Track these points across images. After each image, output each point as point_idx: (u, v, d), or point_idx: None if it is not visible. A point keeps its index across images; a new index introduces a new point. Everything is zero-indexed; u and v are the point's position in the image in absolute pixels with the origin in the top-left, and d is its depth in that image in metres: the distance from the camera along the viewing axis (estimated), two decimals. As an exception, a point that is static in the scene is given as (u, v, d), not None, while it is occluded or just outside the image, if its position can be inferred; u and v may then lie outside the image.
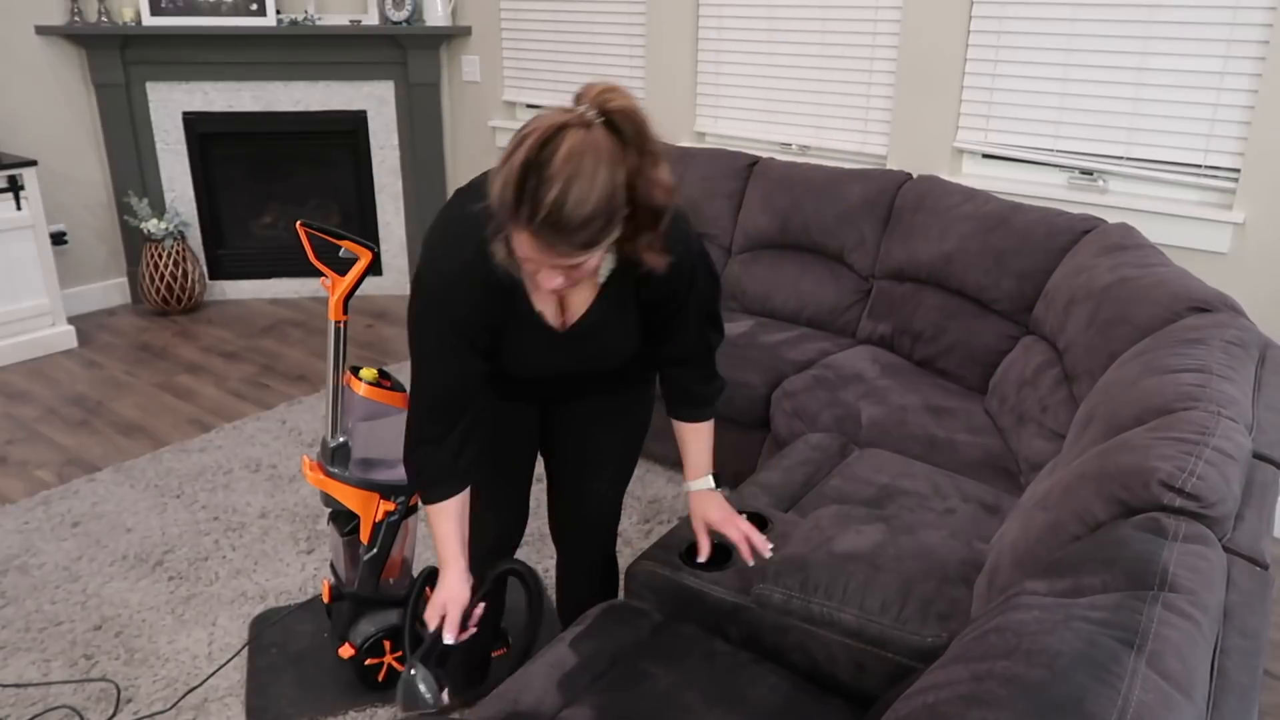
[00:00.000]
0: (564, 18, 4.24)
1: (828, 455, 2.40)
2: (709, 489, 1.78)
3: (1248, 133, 2.72)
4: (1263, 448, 1.50)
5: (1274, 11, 2.61)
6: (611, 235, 1.28)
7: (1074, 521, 1.34)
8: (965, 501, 2.18)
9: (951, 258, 2.90)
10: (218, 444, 3.34)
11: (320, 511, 2.92)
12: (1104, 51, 2.93)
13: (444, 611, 1.57)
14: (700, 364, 1.74)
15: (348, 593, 2.15)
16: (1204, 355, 1.66)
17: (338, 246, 2.11)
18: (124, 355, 4.13)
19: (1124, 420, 1.55)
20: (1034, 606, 1.08)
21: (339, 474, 2.06)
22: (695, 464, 1.78)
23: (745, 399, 2.82)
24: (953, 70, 3.20)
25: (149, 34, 4.28)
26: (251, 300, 4.86)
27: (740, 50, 3.73)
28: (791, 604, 1.70)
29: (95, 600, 2.51)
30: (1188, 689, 0.94)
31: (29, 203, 3.90)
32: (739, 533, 1.73)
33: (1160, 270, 2.22)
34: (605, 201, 1.22)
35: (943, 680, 1.01)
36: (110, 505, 2.96)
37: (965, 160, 3.35)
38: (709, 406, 1.78)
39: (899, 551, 1.75)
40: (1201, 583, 1.08)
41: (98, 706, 2.16)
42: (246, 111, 4.58)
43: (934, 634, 1.58)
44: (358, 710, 2.13)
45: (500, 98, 4.60)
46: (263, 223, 4.91)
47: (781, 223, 3.34)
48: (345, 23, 4.53)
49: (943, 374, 2.90)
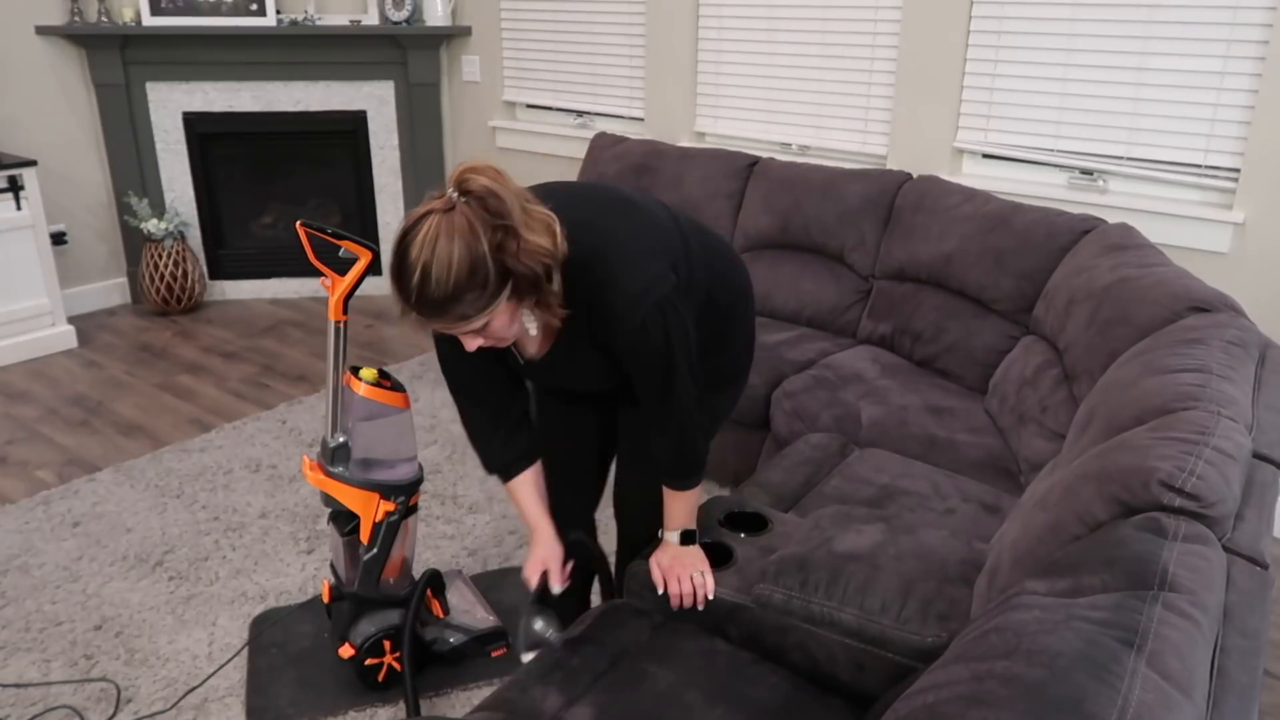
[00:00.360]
0: (564, 18, 4.24)
1: (828, 455, 2.40)
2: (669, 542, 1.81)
3: (1248, 133, 2.72)
4: (1263, 448, 1.50)
5: (1274, 11, 2.61)
6: (492, 303, 1.37)
7: (1074, 521, 1.34)
8: (965, 501, 2.18)
9: (951, 258, 2.90)
10: (218, 444, 3.34)
11: (320, 511, 2.92)
12: (1104, 51, 2.93)
13: (544, 566, 1.77)
14: (657, 423, 1.68)
15: (348, 593, 2.15)
16: (1204, 355, 1.66)
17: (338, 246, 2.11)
18: (124, 355, 4.13)
19: (1124, 420, 1.55)
20: (1034, 606, 1.08)
21: (339, 474, 2.06)
22: (666, 515, 1.81)
23: (745, 399, 2.82)
24: (953, 70, 3.20)
25: (149, 34, 4.28)
26: (251, 300, 4.86)
27: (740, 50, 3.73)
28: (791, 604, 1.70)
29: (95, 600, 2.51)
30: (1188, 689, 0.94)
31: (29, 203, 3.90)
32: (675, 586, 1.77)
33: (1160, 270, 2.22)
34: (466, 277, 1.31)
35: (943, 680, 1.01)
36: (110, 505, 2.96)
37: (965, 160, 3.35)
38: (664, 473, 1.75)
39: (899, 551, 1.75)
40: (1201, 583, 1.08)
41: (98, 706, 2.16)
42: (246, 111, 4.58)
43: (934, 634, 1.58)
44: (358, 710, 2.13)
45: (500, 98, 4.60)
46: (263, 223, 4.91)
47: (781, 223, 3.34)
48: (345, 23, 4.53)
49: (943, 374, 2.90)
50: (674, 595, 1.78)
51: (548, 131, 4.42)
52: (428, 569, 2.18)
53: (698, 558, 1.80)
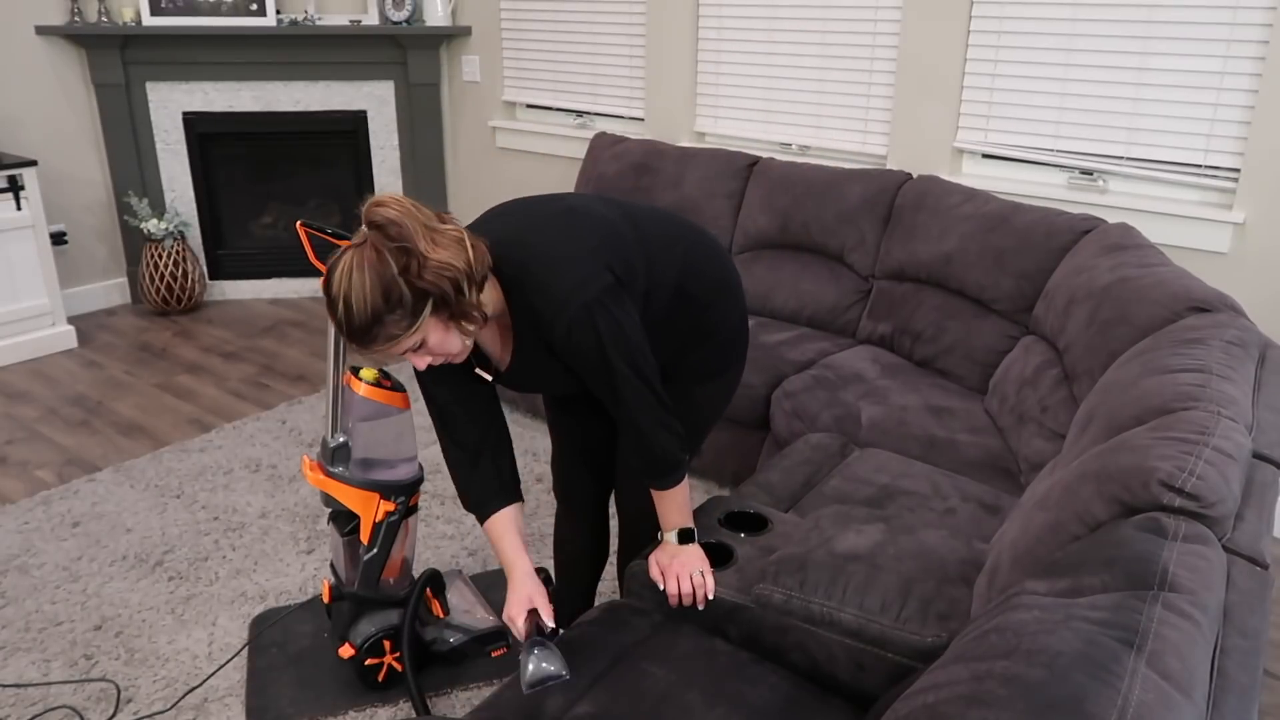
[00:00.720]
0: (564, 18, 4.24)
1: (828, 455, 2.40)
2: (668, 542, 1.81)
3: (1248, 133, 2.72)
4: (1263, 448, 1.50)
5: (1274, 11, 2.61)
6: (415, 321, 1.45)
7: (1074, 521, 1.34)
8: (965, 501, 2.18)
9: (951, 258, 2.90)
10: (218, 444, 3.34)
11: (320, 511, 2.92)
12: (1104, 51, 2.93)
13: (530, 605, 1.71)
14: (619, 424, 1.71)
15: (348, 593, 2.15)
16: (1204, 355, 1.66)
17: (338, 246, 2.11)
18: (124, 355, 4.13)
19: (1124, 420, 1.55)
20: (1034, 606, 1.08)
21: (339, 474, 2.06)
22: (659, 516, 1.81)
23: (745, 399, 2.82)
24: (952, 70, 3.20)
25: (149, 34, 4.29)
26: (251, 300, 4.86)
27: (740, 50, 3.73)
28: (791, 604, 1.70)
29: (95, 600, 2.51)
30: (1188, 689, 0.94)
31: (29, 203, 3.90)
32: (674, 585, 1.78)
33: (1160, 270, 2.22)
34: (382, 301, 1.41)
35: (943, 680, 1.01)
36: (110, 505, 2.96)
37: (965, 160, 3.35)
38: (639, 473, 1.76)
39: (899, 551, 1.75)
40: (1201, 583, 1.08)
41: (98, 706, 2.16)
42: (246, 111, 4.58)
43: (934, 634, 1.58)
44: (358, 710, 2.13)
45: (500, 98, 4.60)
46: (263, 223, 4.91)
47: (781, 223, 3.34)
48: (345, 23, 4.53)
49: (943, 374, 2.90)
50: (673, 595, 1.78)
51: (548, 131, 4.42)
52: (427, 569, 2.17)
53: (698, 557, 1.80)
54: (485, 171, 4.78)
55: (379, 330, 1.44)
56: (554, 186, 4.50)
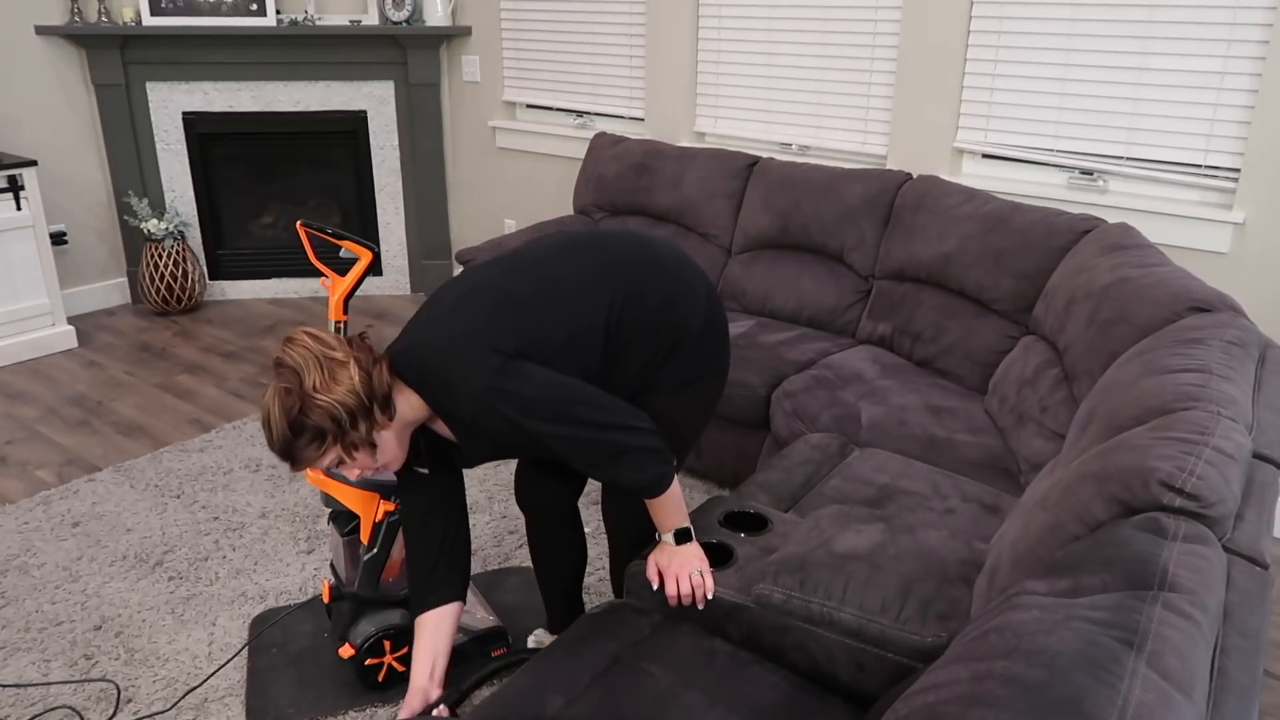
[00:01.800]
0: (564, 18, 4.24)
1: (828, 455, 2.40)
2: (666, 542, 1.83)
3: (1248, 133, 2.72)
4: (1263, 448, 1.50)
5: (1274, 11, 2.61)
6: (326, 447, 1.60)
7: (1074, 521, 1.34)
8: (965, 501, 2.18)
9: (951, 258, 2.90)
10: (218, 444, 3.34)
11: (320, 511, 2.92)
12: (1104, 51, 2.93)
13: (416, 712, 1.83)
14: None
15: (348, 593, 2.15)
16: (1204, 355, 1.66)
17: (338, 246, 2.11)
18: (124, 355, 4.13)
19: (1124, 420, 1.55)
20: (1034, 606, 1.08)
21: (339, 474, 2.06)
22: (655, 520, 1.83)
23: (745, 399, 2.82)
24: (953, 70, 3.20)
25: (149, 34, 4.28)
26: (251, 300, 4.86)
27: (740, 50, 3.73)
28: (791, 604, 1.70)
29: (95, 600, 2.51)
30: (1188, 689, 0.94)
31: (29, 203, 3.90)
32: (674, 586, 1.79)
33: (1160, 270, 2.22)
34: (291, 431, 1.56)
35: (943, 680, 1.01)
36: (110, 505, 2.96)
37: (965, 160, 3.35)
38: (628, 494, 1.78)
39: (899, 551, 1.75)
40: (1201, 583, 1.08)
41: (98, 706, 2.16)
42: (246, 111, 4.58)
43: (934, 634, 1.58)
44: (358, 710, 2.13)
45: (500, 98, 4.60)
46: (263, 223, 4.91)
47: (781, 223, 3.34)
48: (345, 23, 4.53)
49: (943, 374, 2.90)
50: (672, 595, 1.78)
51: (548, 131, 4.42)
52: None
53: (696, 557, 1.80)
54: (485, 171, 4.78)
55: (298, 453, 1.59)
56: (554, 186, 4.50)
